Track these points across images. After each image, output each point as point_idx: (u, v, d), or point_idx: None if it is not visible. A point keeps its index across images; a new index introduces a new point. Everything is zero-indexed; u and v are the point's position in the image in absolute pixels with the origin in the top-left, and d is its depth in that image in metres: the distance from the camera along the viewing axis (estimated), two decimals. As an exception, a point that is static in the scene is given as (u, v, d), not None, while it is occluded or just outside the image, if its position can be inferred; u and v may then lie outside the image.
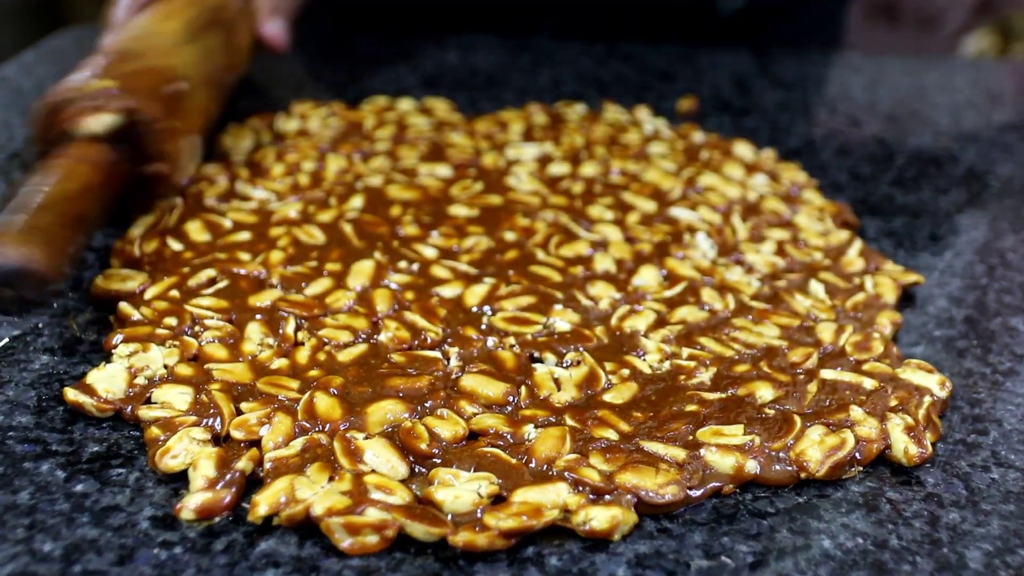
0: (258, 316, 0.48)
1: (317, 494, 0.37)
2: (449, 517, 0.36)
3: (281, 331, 0.47)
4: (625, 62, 0.93)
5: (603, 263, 0.54)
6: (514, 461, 0.39)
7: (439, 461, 0.39)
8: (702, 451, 0.40)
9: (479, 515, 0.36)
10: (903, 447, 0.41)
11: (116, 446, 0.41)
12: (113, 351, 0.45)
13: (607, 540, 0.36)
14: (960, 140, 0.78)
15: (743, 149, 0.71)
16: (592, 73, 0.91)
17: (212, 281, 0.51)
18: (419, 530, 0.36)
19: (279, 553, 0.35)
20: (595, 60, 0.94)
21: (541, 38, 0.97)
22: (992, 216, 0.65)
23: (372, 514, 0.36)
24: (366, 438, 0.40)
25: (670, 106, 0.82)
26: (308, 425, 0.41)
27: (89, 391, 0.42)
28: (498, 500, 0.37)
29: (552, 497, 0.37)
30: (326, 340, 0.46)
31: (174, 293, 0.49)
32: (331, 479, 0.38)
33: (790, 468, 0.40)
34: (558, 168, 0.66)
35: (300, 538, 0.36)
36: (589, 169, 0.66)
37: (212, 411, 0.41)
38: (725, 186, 0.64)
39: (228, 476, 0.38)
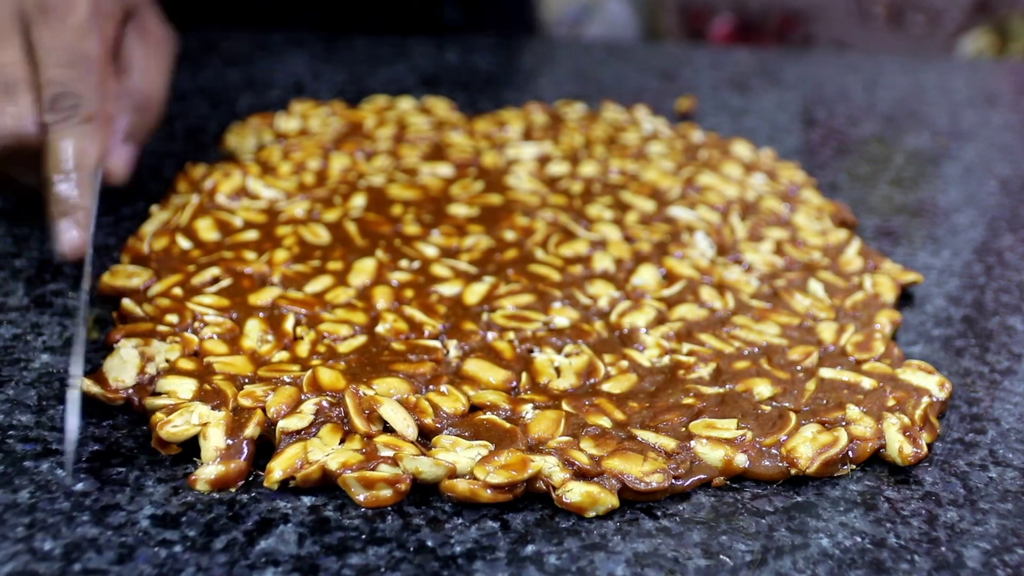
0: (259, 314, 0.48)
1: (330, 455, 0.38)
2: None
3: (280, 327, 0.47)
4: (624, 62, 0.93)
5: (602, 262, 0.54)
6: (508, 426, 0.41)
7: (442, 435, 0.41)
8: (692, 442, 0.41)
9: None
10: (898, 446, 0.41)
11: (116, 445, 0.41)
12: (115, 346, 0.45)
13: (602, 539, 0.37)
14: (958, 140, 0.78)
15: (742, 148, 0.71)
16: (591, 73, 0.91)
17: (216, 279, 0.51)
18: (426, 464, 0.38)
19: (278, 552, 0.35)
20: (594, 60, 0.94)
21: (540, 38, 0.98)
22: (990, 215, 0.65)
23: (385, 469, 0.38)
24: (377, 394, 0.42)
25: (669, 106, 0.82)
26: (315, 396, 0.42)
27: (101, 381, 0.43)
28: None
29: (539, 462, 0.39)
30: (325, 334, 0.47)
31: (177, 291, 0.50)
32: (342, 441, 0.39)
33: (780, 464, 0.40)
34: (557, 167, 0.66)
35: (299, 537, 0.36)
36: (588, 168, 0.66)
37: (216, 396, 0.42)
38: (724, 185, 0.64)
39: (239, 444, 0.39)
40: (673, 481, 0.39)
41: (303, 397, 0.41)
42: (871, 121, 0.82)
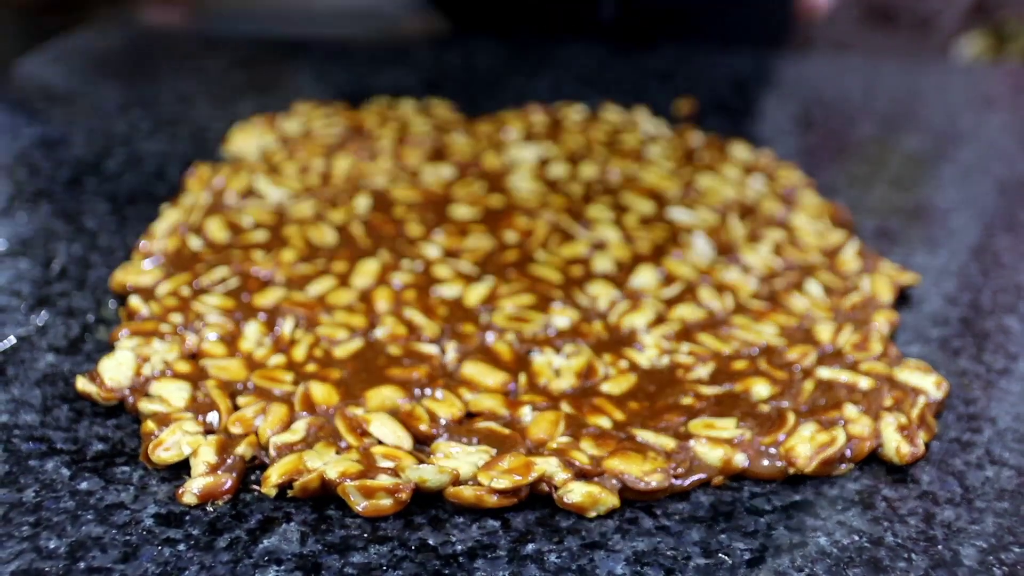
0: (261, 315, 0.48)
1: (328, 463, 0.38)
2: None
3: (279, 329, 0.47)
4: (624, 64, 0.94)
5: (602, 263, 0.55)
6: (508, 432, 0.41)
7: (440, 441, 0.41)
8: (691, 442, 0.41)
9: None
10: (895, 446, 0.41)
11: (120, 444, 0.41)
12: (115, 343, 0.46)
13: (602, 537, 0.37)
14: (955, 141, 0.79)
15: (740, 150, 0.71)
16: (591, 74, 0.91)
17: (223, 279, 0.51)
18: (430, 472, 0.38)
19: (281, 550, 0.36)
20: (595, 61, 0.94)
21: (541, 39, 0.98)
22: (987, 217, 0.66)
23: (385, 479, 0.38)
24: (367, 412, 0.41)
25: (669, 107, 0.82)
26: (307, 415, 0.42)
27: (97, 380, 0.43)
28: None
29: (542, 465, 0.39)
30: (323, 337, 0.47)
31: (185, 290, 0.50)
32: (338, 453, 0.39)
33: (779, 463, 0.40)
34: (558, 169, 0.67)
35: (302, 535, 0.36)
36: (588, 170, 0.67)
37: (209, 407, 0.42)
38: (723, 187, 0.65)
39: (229, 461, 0.39)
40: (673, 481, 0.39)
41: (295, 416, 0.41)
42: (869, 123, 0.82)
